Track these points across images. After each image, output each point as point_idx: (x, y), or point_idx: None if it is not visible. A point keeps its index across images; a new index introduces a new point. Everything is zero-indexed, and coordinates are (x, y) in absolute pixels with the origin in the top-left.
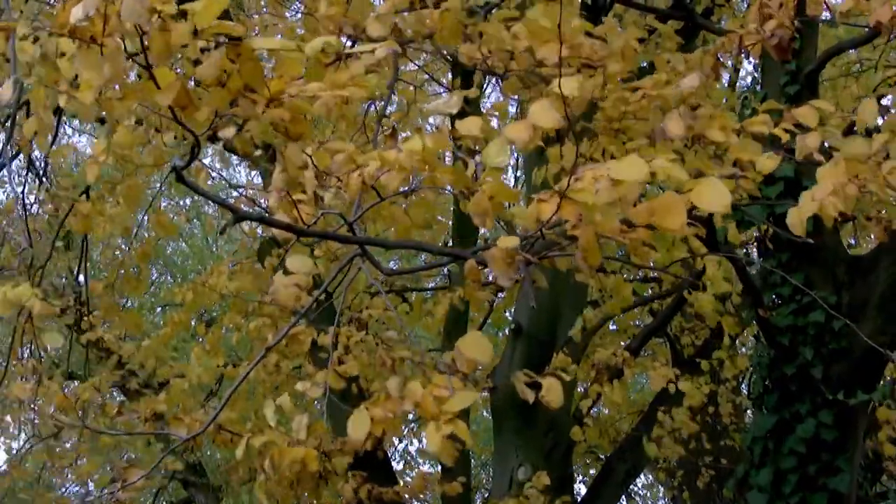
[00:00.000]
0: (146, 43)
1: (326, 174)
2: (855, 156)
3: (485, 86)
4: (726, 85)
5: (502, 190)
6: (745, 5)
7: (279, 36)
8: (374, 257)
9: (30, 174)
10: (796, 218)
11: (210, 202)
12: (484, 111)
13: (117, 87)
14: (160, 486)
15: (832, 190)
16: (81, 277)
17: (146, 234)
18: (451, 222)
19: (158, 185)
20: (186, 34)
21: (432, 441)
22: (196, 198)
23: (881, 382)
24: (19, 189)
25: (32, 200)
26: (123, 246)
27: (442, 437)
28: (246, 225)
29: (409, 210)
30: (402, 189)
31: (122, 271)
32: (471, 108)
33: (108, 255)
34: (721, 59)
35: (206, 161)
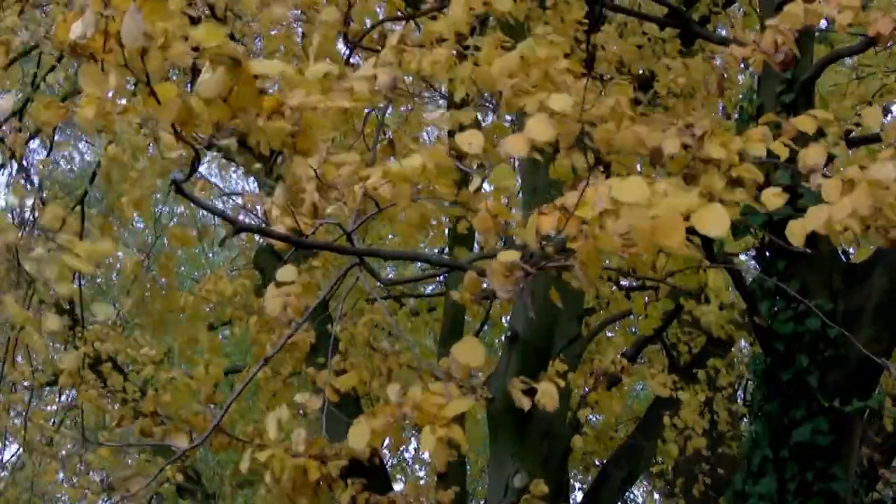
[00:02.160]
0: (145, 59)
1: (329, 187)
2: (879, 181)
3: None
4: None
5: (504, 211)
6: (741, 12)
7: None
8: (372, 267)
9: (24, 182)
10: (798, 230)
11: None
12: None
13: (118, 100)
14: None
15: (851, 212)
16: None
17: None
18: (447, 230)
19: (158, 195)
20: (183, 53)
21: (427, 443)
22: (193, 206)
23: (876, 390)
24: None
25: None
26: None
27: (436, 440)
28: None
29: (407, 216)
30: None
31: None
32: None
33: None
34: (725, 76)
35: (203, 169)
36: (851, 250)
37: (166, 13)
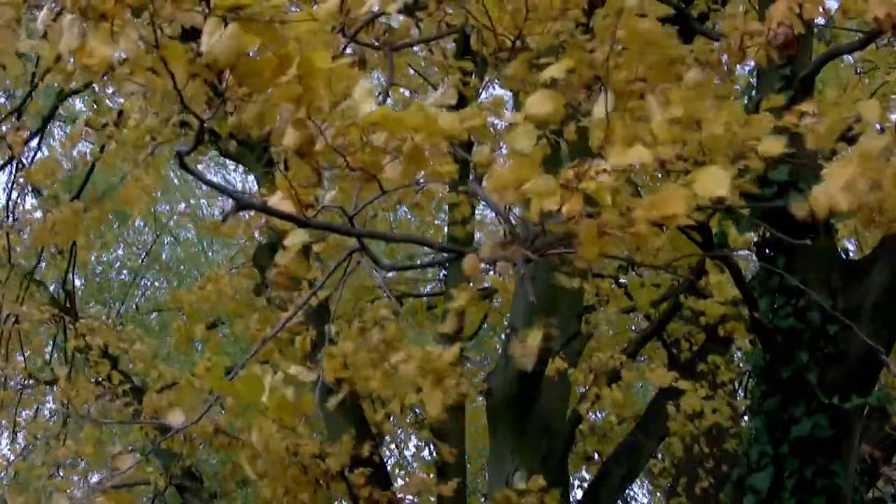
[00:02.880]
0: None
1: (337, 151)
2: (869, 151)
3: (482, 87)
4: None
5: (524, 168)
6: (741, 9)
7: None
8: (373, 252)
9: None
10: (801, 207)
11: (206, 208)
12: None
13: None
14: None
15: (843, 184)
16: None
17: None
18: (445, 227)
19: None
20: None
21: (431, 402)
22: (192, 202)
23: (876, 387)
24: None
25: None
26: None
27: (440, 398)
28: (242, 232)
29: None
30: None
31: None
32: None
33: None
34: (724, 62)
35: (201, 167)
36: (851, 249)
37: None
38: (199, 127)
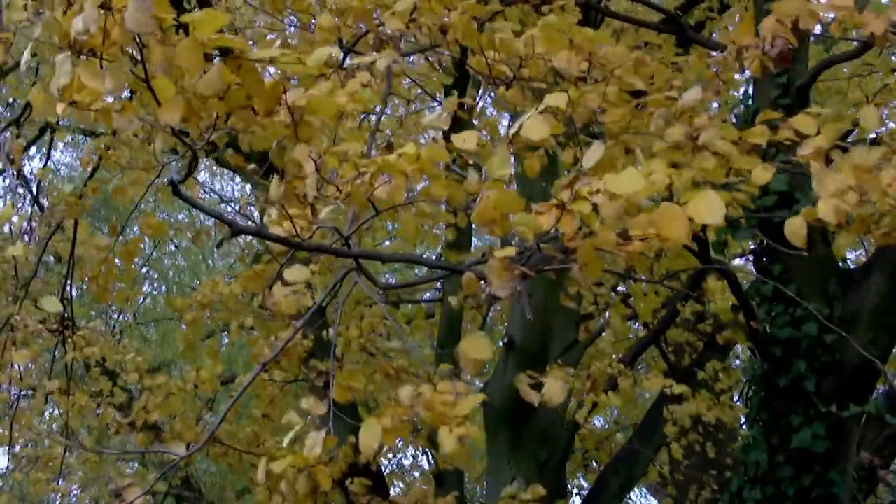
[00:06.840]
0: (145, 56)
1: (327, 182)
2: (859, 164)
3: (478, 99)
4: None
5: (508, 199)
6: (737, 17)
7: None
8: (369, 271)
9: (19, 189)
10: (796, 227)
11: (206, 216)
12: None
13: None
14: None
15: (832, 194)
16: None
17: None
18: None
19: (152, 197)
20: (190, 50)
21: (447, 443)
22: (192, 212)
23: (873, 395)
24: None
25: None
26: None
27: (456, 439)
28: (241, 239)
29: (404, 220)
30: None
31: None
32: (466, 117)
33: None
34: (719, 75)
35: (199, 177)
36: (850, 258)
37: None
38: (191, 155)
